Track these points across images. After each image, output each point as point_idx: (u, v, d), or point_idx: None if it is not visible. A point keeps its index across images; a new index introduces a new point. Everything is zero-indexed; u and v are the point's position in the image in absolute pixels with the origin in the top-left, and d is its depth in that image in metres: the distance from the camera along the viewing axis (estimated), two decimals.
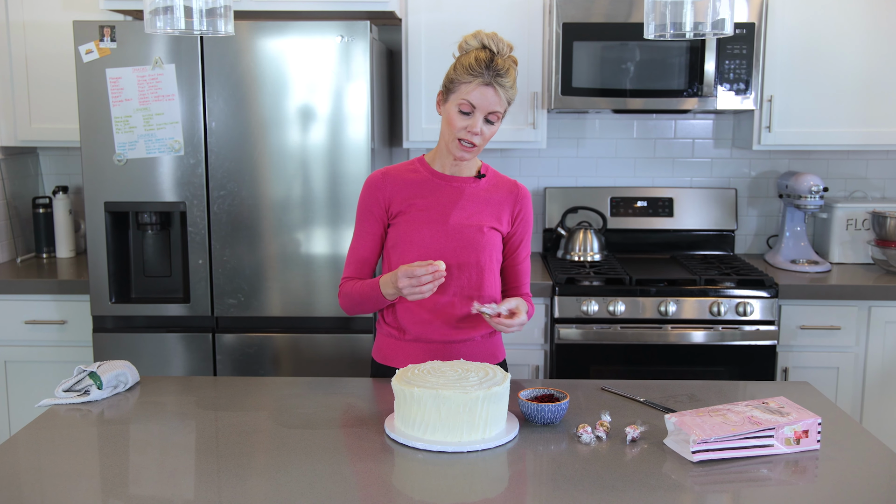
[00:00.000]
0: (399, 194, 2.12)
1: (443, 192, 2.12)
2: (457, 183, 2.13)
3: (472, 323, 2.14)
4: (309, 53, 2.90)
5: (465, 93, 2.00)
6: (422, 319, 2.12)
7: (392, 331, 2.17)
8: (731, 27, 1.80)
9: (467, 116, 2.01)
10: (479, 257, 2.10)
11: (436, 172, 2.14)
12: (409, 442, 1.70)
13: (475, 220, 2.11)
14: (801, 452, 1.69)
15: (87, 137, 2.96)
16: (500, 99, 2.00)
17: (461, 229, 2.09)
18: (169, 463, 1.66)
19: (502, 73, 1.99)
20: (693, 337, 3.09)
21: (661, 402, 1.97)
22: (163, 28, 1.82)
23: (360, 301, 2.12)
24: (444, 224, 2.09)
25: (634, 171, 3.79)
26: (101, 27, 2.89)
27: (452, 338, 2.13)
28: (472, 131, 2.01)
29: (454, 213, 2.10)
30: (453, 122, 2.03)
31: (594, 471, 1.60)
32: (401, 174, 2.15)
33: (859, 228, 3.54)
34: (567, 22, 3.22)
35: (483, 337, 2.18)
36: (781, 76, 3.32)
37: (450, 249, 2.08)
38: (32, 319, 3.21)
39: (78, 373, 2.01)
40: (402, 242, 2.10)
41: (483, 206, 2.13)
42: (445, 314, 2.12)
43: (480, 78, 1.98)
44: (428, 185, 2.13)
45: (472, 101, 2.00)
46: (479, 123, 2.01)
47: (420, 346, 2.13)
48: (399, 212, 2.12)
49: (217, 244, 2.99)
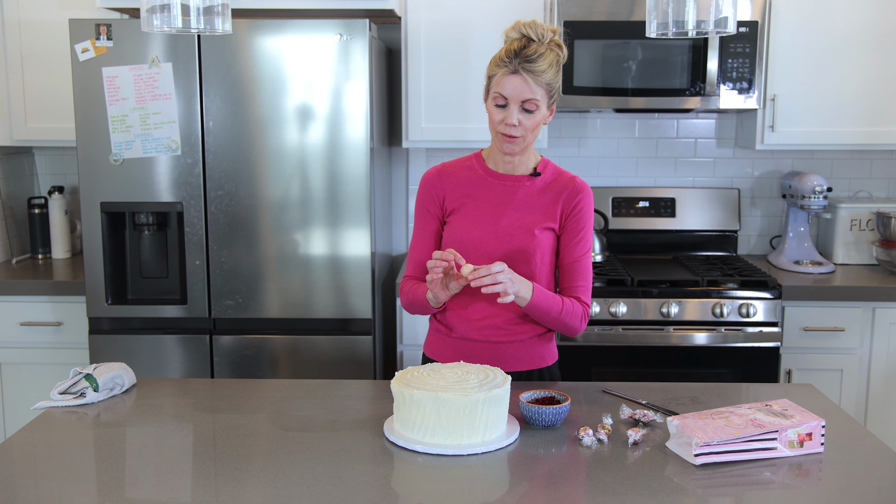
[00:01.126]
0: (453, 192, 2.12)
1: (495, 192, 2.10)
2: (510, 182, 2.11)
3: (516, 325, 2.11)
4: (307, 52, 2.90)
5: (496, 85, 2.00)
6: (467, 319, 2.11)
7: (441, 327, 2.17)
8: (734, 25, 1.80)
9: (502, 109, 2.01)
10: (530, 260, 2.07)
11: (490, 170, 2.12)
12: (408, 445, 1.70)
13: (527, 220, 2.08)
14: (804, 455, 1.69)
15: (83, 137, 2.96)
16: (528, 86, 1.97)
17: (511, 231, 2.07)
18: (166, 466, 1.66)
19: (532, 59, 1.96)
20: (695, 339, 3.09)
21: (664, 404, 1.97)
22: (160, 26, 1.82)
23: (413, 301, 2.14)
24: (494, 226, 2.07)
25: (636, 171, 3.79)
26: (97, 25, 2.89)
27: (497, 338, 2.12)
28: (508, 123, 2.00)
29: (506, 215, 2.08)
30: (491, 116, 2.04)
31: (595, 474, 1.60)
32: (456, 171, 2.14)
33: (863, 229, 3.54)
34: (568, 20, 3.22)
35: (531, 339, 2.14)
36: (785, 75, 3.32)
37: (500, 252, 2.06)
38: (28, 321, 3.21)
39: (74, 375, 2.01)
40: (454, 242, 2.09)
41: (536, 205, 2.10)
42: (492, 316, 2.10)
43: (507, 67, 1.97)
44: (482, 184, 2.11)
45: (502, 92, 1.99)
46: (513, 115, 1.99)
47: (467, 344, 2.13)
48: (453, 210, 2.11)
49: (214, 245, 2.99)
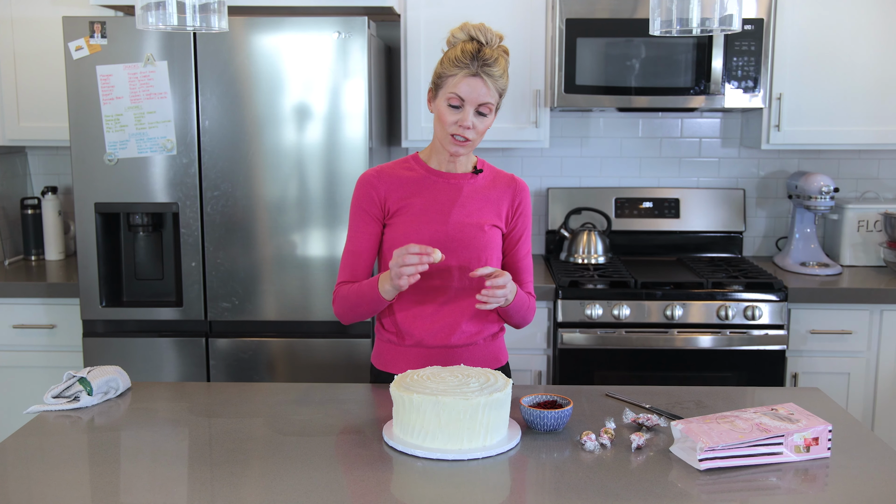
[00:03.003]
0: (395, 193, 2.11)
1: (441, 190, 2.12)
2: (454, 180, 2.13)
3: (474, 326, 2.13)
4: (305, 50, 2.90)
5: (452, 86, 1.99)
6: (422, 324, 2.11)
7: (391, 336, 2.16)
8: (739, 23, 1.80)
9: (457, 110, 2.01)
10: (481, 257, 2.09)
11: (432, 170, 2.13)
12: (408, 450, 1.70)
13: (475, 217, 2.10)
14: (811, 460, 1.69)
15: (77, 136, 2.96)
16: (489, 90, 1.99)
17: (462, 228, 2.09)
18: (161, 471, 1.66)
19: (490, 63, 1.98)
20: (700, 341, 3.10)
21: (668, 408, 1.97)
22: (155, 24, 1.83)
23: (356, 303, 2.08)
24: (444, 224, 2.09)
25: (640, 171, 3.79)
26: (91, 23, 2.89)
27: (454, 342, 2.12)
28: (463, 125, 2.00)
29: (454, 212, 2.10)
30: (444, 117, 2.02)
31: (598, 479, 1.60)
32: (395, 172, 2.14)
33: (871, 230, 3.54)
34: (570, 18, 3.22)
35: (485, 340, 2.17)
36: (791, 73, 3.32)
37: (451, 250, 2.08)
38: (20, 324, 3.21)
39: (67, 378, 2.01)
40: (400, 243, 2.08)
41: (483, 202, 2.13)
42: (446, 317, 2.11)
43: (467, 69, 1.97)
44: (425, 183, 2.12)
45: (459, 93, 1.99)
46: (469, 117, 2.00)
47: (420, 351, 2.13)
48: (396, 211, 2.11)
49: (210, 246, 2.99)
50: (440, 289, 2.09)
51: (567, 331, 3.11)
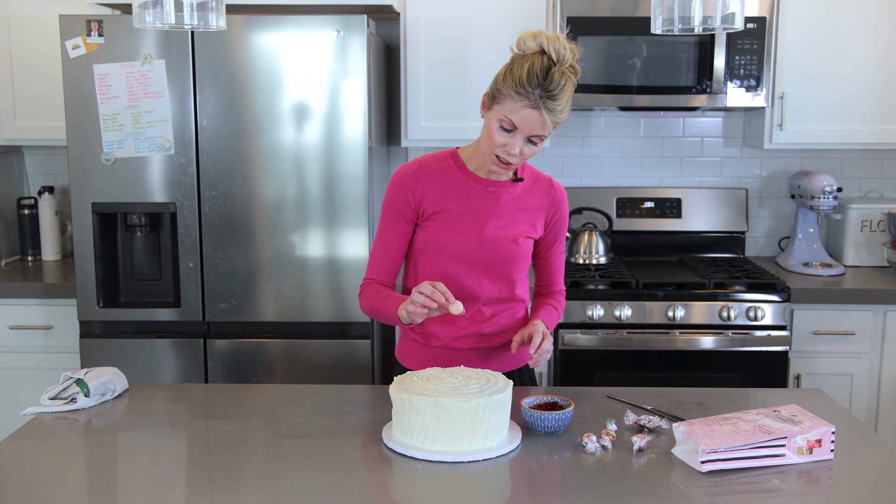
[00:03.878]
0: (431, 196, 2.05)
1: (478, 198, 2.06)
2: (493, 188, 2.07)
3: (502, 329, 2.13)
4: (304, 49, 2.90)
5: (508, 110, 1.88)
6: (449, 328, 2.10)
7: (417, 336, 2.15)
8: (741, 21, 1.80)
9: (508, 134, 1.91)
10: (512, 269, 2.08)
11: (471, 175, 2.07)
12: (407, 452, 1.70)
13: (510, 230, 2.07)
14: (814, 462, 1.69)
15: (74, 136, 2.96)
16: (545, 124, 1.88)
17: (496, 240, 2.06)
18: (158, 473, 1.66)
19: (555, 94, 1.86)
20: (702, 342, 3.10)
21: (669, 410, 1.97)
22: (152, 22, 1.83)
23: (377, 311, 2.05)
24: (478, 234, 2.05)
25: (641, 171, 3.79)
26: (88, 21, 2.90)
27: (482, 345, 2.12)
28: (510, 152, 1.92)
29: (490, 222, 2.05)
30: (492, 136, 1.93)
31: (599, 481, 1.60)
32: (433, 171, 2.07)
33: (874, 230, 3.54)
34: (571, 16, 3.22)
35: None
36: (794, 72, 3.32)
37: (482, 260, 2.06)
38: (17, 324, 3.21)
39: (64, 380, 2.01)
40: (432, 249, 2.06)
41: (519, 213, 2.08)
42: (474, 325, 2.10)
43: (527, 100, 1.86)
44: (463, 189, 2.06)
45: (514, 120, 1.89)
46: (517, 145, 1.91)
47: (447, 352, 2.12)
48: (431, 214, 2.05)
49: (208, 246, 3.00)
50: (469, 296, 2.07)
51: (568, 332, 3.11)
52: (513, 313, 2.15)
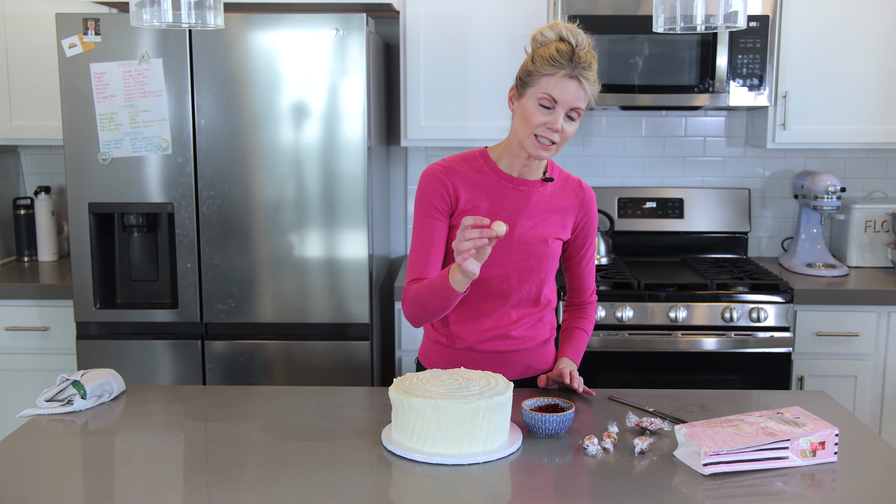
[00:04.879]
0: (466, 191, 2.04)
1: (509, 198, 2.06)
2: (524, 187, 2.07)
3: (527, 332, 2.13)
4: (302, 48, 2.90)
5: (546, 86, 1.91)
6: (475, 330, 2.09)
7: (440, 337, 2.14)
8: (744, 20, 1.80)
9: (548, 111, 1.92)
10: (541, 269, 2.08)
11: (502, 173, 2.06)
12: (407, 454, 1.70)
13: (540, 230, 2.07)
14: (817, 465, 1.69)
15: (71, 135, 2.96)
16: (584, 94, 1.93)
17: (526, 241, 2.05)
18: (156, 476, 1.66)
19: (586, 66, 1.92)
20: (704, 344, 3.10)
21: (671, 412, 1.97)
22: (150, 21, 1.83)
23: (427, 299, 1.95)
24: (509, 234, 2.03)
25: (643, 171, 3.79)
26: (84, 20, 2.90)
27: (506, 348, 2.12)
28: (552, 128, 1.92)
29: (521, 223, 2.05)
30: (532, 117, 1.93)
31: (601, 484, 1.60)
32: (464, 169, 2.06)
33: (878, 230, 3.54)
34: (573, 14, 3.22)
35: (537, 346, 2.16)
36: (797, 71, 3.32)
37: (512, 261, 2.05)
38: (13, 326, 3.21)
39: (61, 382, 2.01)
40: None
41: (549, 214, 2.08)
42: (500, 326, 2.10)
43: (564, 70, 1.90)
44: (494, 187, 2.05)
45: (554, 94, 1.91)
46: (560, 119, 1.92)
47: (471, 354, 2.11)
48: (463, 212, 2.04)
49: (206, 247, 3.00)
50: (497, 296, 2.07)
51: None
52: (539, 317, 2.15)
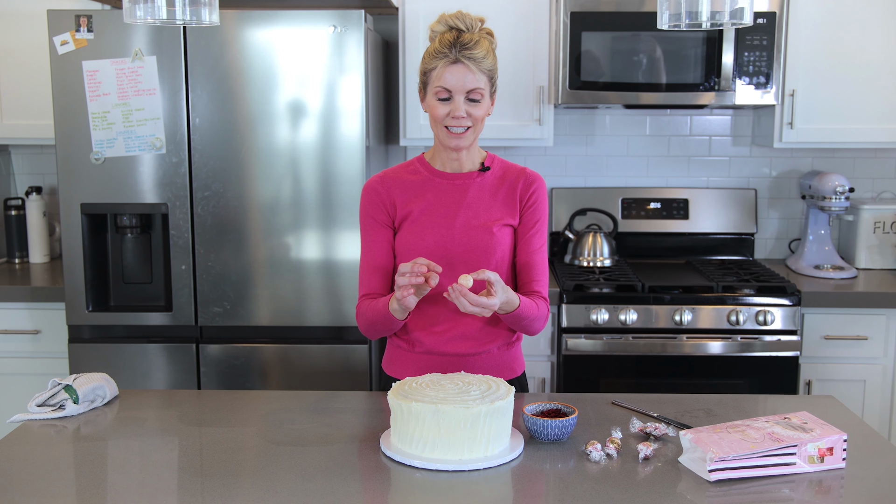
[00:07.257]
0: (400, 197, 2.11)
1: (445, 192, 2.11)
2: (459, 180, 2.12)
3: (487, 334, 2.12)
4: (299, 45, 2.91)
5: (436, 78, 2.02)
6: (432, 332, 2.11)
7: (401, 343, 2.16)
8: (750, 17, 1.80)
9: (447, 103, 2.02)
10: (490, 259, 2.08)
11: (436, 171, 2.13)
12: (406, 460, 1.70)
13: (483, 218, 2.09)
14: (825, 471, 1.69)
15: (63, 135, 2.96)
16: (474, 74, 2.00)
17: (468, 231, 2.08)
18: (150, 482, 1.66)
19: (470, 47, 2.00)
20: (710, 347, 3.10)
21: (676, 417, 1.97)
22: (143, 17, 1.83)
23: (373, 320, 2.08)
24: (449, 228, 2.08)
25: (647, 171, 3.79)
26: (77, 17, 2.90)
27: (466, 350, 2.12)
28: (455, 116, 2.02)
29: (460, 214, 2.09)
30: (435, 112, 2.04)
31: (604, 491, 1.60)
32: (399, 176, 2.14)
33: (888, 231, 3.54)
34: (575, 11, 3.23)
35: (499, 349, 2.16)
36: (804, 69, 3.33)
37: (457, 254, 2.07)
38: (4, 329, 3.21)
39: (52, 386, 2.02)
40: (405, 251, 2.08)
41: (491, 201, 2.11)
42: (458, 325, 2.10)
43: (446, 58, 2.00)
44: (429, 186, 2.12)
45: (445, 84, 2.01)
46: (460, 106, 2.01)
47: (432, 358, 2.12)
48: (403, 217, 2.10)
49: (201, 248, 3.00)
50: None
51: (572, 336, 3.11)
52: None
